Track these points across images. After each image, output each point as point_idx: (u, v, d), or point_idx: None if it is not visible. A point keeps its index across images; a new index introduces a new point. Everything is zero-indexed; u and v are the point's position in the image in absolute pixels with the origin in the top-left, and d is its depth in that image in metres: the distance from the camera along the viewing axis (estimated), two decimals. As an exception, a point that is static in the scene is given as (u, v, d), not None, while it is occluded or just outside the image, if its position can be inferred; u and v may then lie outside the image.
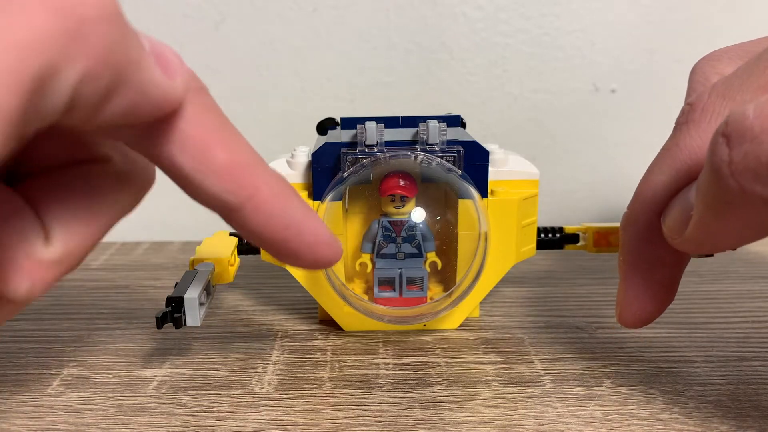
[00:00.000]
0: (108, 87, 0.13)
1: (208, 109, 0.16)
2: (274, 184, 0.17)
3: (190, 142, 0.15)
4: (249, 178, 0.17)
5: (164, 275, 0.40)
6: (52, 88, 0.12)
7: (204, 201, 0.17)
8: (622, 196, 0.50)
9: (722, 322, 0.31)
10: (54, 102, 0.12)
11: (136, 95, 0.14)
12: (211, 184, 0.16)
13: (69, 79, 0.12)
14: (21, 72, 0.11)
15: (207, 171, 0.16)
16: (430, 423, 0.23)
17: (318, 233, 0.18)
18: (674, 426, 0.23)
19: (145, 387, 0.26)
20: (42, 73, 0.11)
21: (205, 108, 0.16)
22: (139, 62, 0.14)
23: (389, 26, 0.46)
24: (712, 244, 0.19)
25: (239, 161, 0.16)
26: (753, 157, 0.16)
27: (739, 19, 0.47)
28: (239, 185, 0.16)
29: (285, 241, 0.18)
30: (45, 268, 0.15)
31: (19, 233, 0.15)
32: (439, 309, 0.28)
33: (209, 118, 0.16)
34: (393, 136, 0.28)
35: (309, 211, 0.18)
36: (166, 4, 0.45)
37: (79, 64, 0.12)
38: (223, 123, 0.17)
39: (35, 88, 0.11)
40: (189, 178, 0.16)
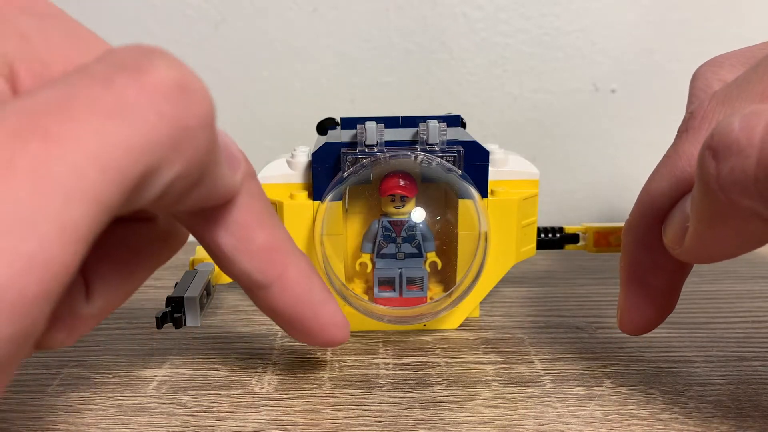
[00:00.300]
0: (193, 183, 0.14)
1: (254, 195, 0.17)
2: (302, 265, 0.19)
3: (235, 225, 0.17)
4: (281, 260, 0.18)
5: (164, 275, 0.40)
6: (149, 185, 0.13)
7: (235, 276, 0.18)
8: (623, 197, 0.50)
9: (722, 322, 0.31)
10: (147, 196, 0.13)
11: (210, 189, 0.15)
12: (246, 263, 0.17)
13: (166, 178, 0.13)
14: (129, 170, 0.12)
15: (245, 251, 0.17)
16: (430, 423, 0.23)
17: (333, 315, 0.20)
18: (674, 426, 0.23)
19: (145, 387, 0.26)
20: (146, 173, 0.12)
21: (253, 194, 0.17)
22: (218, 162, 0.15)
23: (389, 26, 0.46)
24: (709, 255, 0.19)
25: (275, 244, 0.18)
26: (740, 170, 0.16)
27: (739, 19, 0.47)
28: (271, 266, 0.18)
29: (302, 320, 0.19)
30: (83, 322, 0.16)
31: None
32: (439, 309, 0.28)
33: (255, 203, 0.17)
34: (393, 136, 0.28)
35: (328, 293, 0.20)
36: (166, 4, 0.45)
37: (176, 167, 0.13)
38: (267, 207, 0.18)
39: (137, 184, 0.12)
40: (227, 256, 0.17)
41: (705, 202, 0.17)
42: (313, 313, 0.19)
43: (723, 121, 0.17)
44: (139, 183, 0.12)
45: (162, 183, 0.13)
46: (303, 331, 0.20)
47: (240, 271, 0.17)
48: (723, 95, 0.20)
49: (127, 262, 0.17)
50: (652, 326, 0.23)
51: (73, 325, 0.16)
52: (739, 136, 0.16)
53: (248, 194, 0.17)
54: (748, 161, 0.16)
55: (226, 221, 0.16)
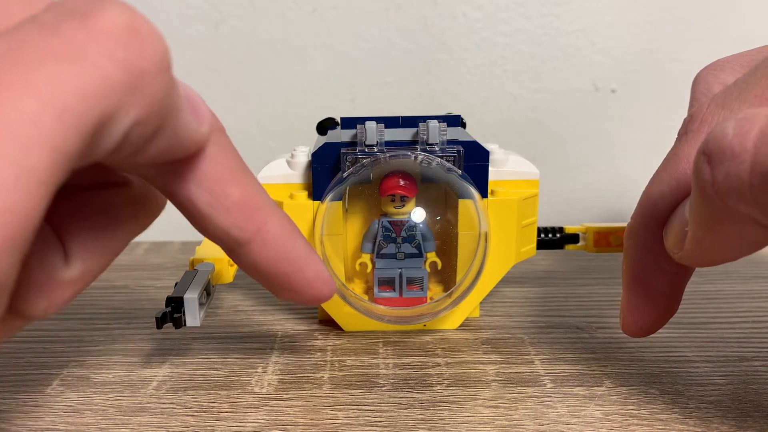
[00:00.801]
0: (153, 131, 0.14)
1: (226, 149, 0.17)
2: (281, 220, 0.18)
3: (208, 180, 0.16)
4: (259, 215, 0.18)
5: (164, 275, 0.40)
6: (107, 132, 0.13)
7: (213, 235, 0.18)
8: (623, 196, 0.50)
9: (722, 322, 0.31)
10: (105, 144, 0.13)
11: (172, 138, 0.15)
12: (222, 219, 0.17)
13: (123, 125, 0.13)
14: (84, 115, 0.12)
15: (221, 207, 0.17)
16: (430, 423, 0.23)
17: (318, 270, 0.19)
18: (674, 426, 0.23)
19: (145, 387, 0.26)
20: (102, 118, 0.12)
21: (224, 148, 0.17)
22: (178, 109, 0.15)
23: (389, 26, 0.46)
24: (709, 259, 0.19)
25: (250, 199, 0.17)
26: (734, 176, 0.16)
27: (739, 19, 0.47)
28: (249, 221, 0.17)
29: (287, 275, 0.19)
30: (63, 288, 0.16)
31: (41, 254, 0.16)
32: (439, 309, 0.28)
33: (227, 158, 0.17)
34: (393, 136, 0.28)
35: (311, 250, 0.19)
36: (166, 4, 0.45)
37: (133, 112, 0.13)
38: (238, 162, 0.17)
39: (94, 131, 0.12)
40: (202, 212, 0.17)
41: (702, 207, 0.17)
42: (298, 269, 0.19)
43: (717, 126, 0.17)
44: (97, 129, 0.12)
45: (120, 130, 0.13)
46: (289, 288, 0.19)
47: (217, 229, 0.17)
48: (722, 98, 0.20)
49: (104, 227, 0.17)
50: (654, 328, 0.23)
51: (53, 291, 0.16)
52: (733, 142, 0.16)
53: (218, 148, 0.17)
54: (743, 167, 0.16)
55: (198, 176, 0.16)
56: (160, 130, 0.14)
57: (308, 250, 0.19)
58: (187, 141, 0.15)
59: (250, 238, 0.18)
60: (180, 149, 0.15)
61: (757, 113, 0.16)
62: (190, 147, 0.16)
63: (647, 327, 0.23)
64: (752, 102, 0.19)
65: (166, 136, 0.14)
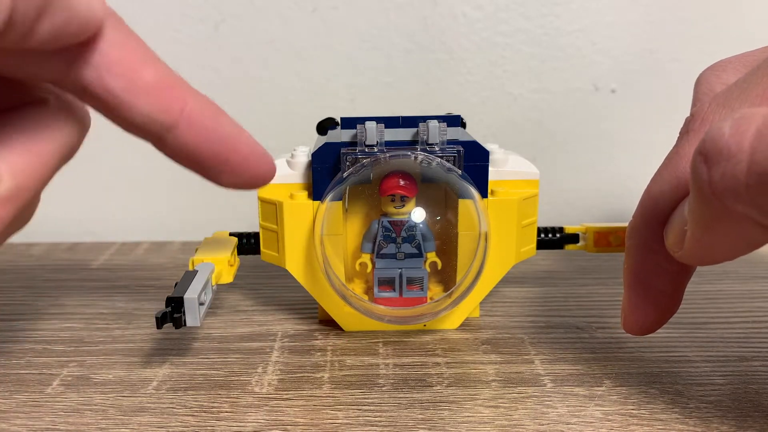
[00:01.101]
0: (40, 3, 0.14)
1: (127, 34, 0.17)
2: (202, 99, 0.18)
3: (118, 64, 0.16)
4: (178, 94, 0.17)
5: (164, 275, 0.40)
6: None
7: (138, 125, 0.17)
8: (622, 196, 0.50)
9: (722, 322, 0.31)
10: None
11: (64, 13, 0.15)
12: (143, 103, 0.17)
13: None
14: None
15: (137, 90, 0.17)
16: (430, 423, 0.23)
17: (251, 145, 0.19)
18: (674, 426, 0.23)
19: (145, 387, 0.26)
20: None
21: (125, 33, 0.17)
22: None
23: (389, 26, 0.46)
24: (709, 258, 0.19)
25: (166, 79, 0.17)
26: (731, 176, 0.16)
27: (739, 19, 0.47)
28: (170, 102, 0.17)
29: (222, 155, 0.18)
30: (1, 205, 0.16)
31: None
32: (439, 309, 0.28)
33: (131, 42, 0.17)
34: (393, 136, 0.28)
35: (239, 126, 0.19)
36: (166, 4, 0.45)
37: None
38: (144, 47, 0.17)
39: None
40: (120, 100, 0.17)
41: (700, 207, 0.17)
42: (230, 146, 0.18)
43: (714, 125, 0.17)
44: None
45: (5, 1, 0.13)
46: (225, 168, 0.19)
47: (141, 115, 0.17)
48: (723, 97, 0.20)
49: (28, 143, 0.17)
50: (655, 327, 0.23)
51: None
52: (730, 142, 0.16)
53: (120, 33, 0.17)
54: (739, 167, 0.16)
55: (107, 63, 0.16)
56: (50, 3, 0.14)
57: (236, 127, 0.19)
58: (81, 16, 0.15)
59: (175, 120, 0.17)
60: (76, 26, 0.15)
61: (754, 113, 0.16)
62: (86, 24, 0.15)
63: (648, 326, 0.23)
64: (753, 101, 0.19)
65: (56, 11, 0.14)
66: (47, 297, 0.36)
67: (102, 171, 0.48)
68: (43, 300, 0.36)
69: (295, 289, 0.36)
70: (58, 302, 0.35)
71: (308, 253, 0.29)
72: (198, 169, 0.19)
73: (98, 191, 0.49)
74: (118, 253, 0.44)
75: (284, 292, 0.36)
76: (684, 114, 0.22)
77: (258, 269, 0.39)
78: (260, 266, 0.38)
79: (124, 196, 0.49)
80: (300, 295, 0.35)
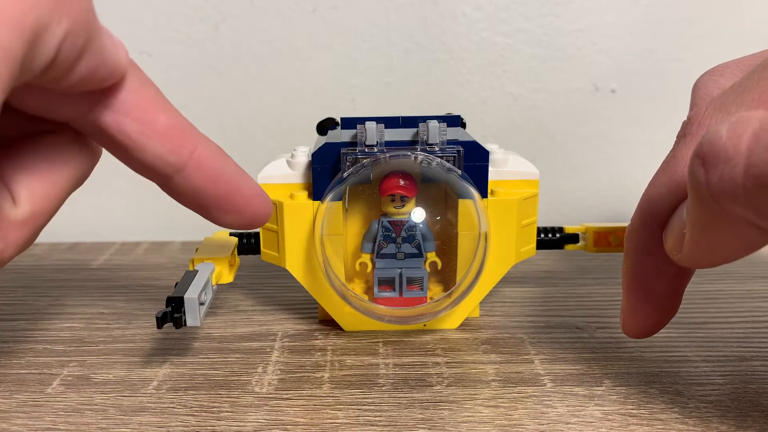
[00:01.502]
0: (82, 45, 0.15)
1: (145, 81, 0.18)
2: (210, 144, 0.20)
3: (134, 109, 0.18)
4: (188, 138, 0.19)
5: (164, 275, 0.40)
6: (43, 41, 0.14)
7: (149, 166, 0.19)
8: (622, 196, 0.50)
9: (722, 322, 0.31)
10: (43, 55, 0.14)
11: (97, 58, 0.16)
12: (156, 145, 0.18)
13: (56, 35, 0.14)
14: (23, 21, 0.13)
15: (151, 133, 0.18)
16: (430, 423, 0.23)
17: (252, 187, 0.21)
18: (674, 426, 0.23)
19: (145, 387, 0.26)
20: (37, 26, 0.13)
21: (143, 80, 0.18)
22: (100, 29, 0.16)
23: (389, 26, 0.46)
24: (708, 260, 0.19)
25: (178, 124, 0.18)
26: (728, 178, 0.16)
27: (739, 19, 0.47)
28: (181, 145, 0.19)
29: (226, 196, 0.20)
30: (15, 228, 0.17)
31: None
32: (439, 309, 0.28)
33: (148, 89, 0.18)
34: (393, 136, 0.28)
35: (242, 170, 0.20)
36: (166, 4, 0.45)
37: (64, 22, 0.14)
38: (159, 93, 0.19)
39: (33, 38, 0.13)
40: (136, 142, 0.18)
41: (698, 210, 0.17)
42: (234, 187, 0.20)
43: (711, 128, 0.17)
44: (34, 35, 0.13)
45: (54, 40, 0.14)
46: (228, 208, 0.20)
47: (153, 157, 0.18)
48: (720, 101, 0.20)
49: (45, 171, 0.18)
50: (655, 329, 0.23)
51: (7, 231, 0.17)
52: (727, 145, 0.16)
53: (138, 80, 0.18)
54: (736, 169, 0.16)
55: (125, 107, 0.18)
56: (87, 47, 0.15)
57: (239, 170, 0.20)
58: (110, 63, 0.16)
59: (185, 162, 0.19)
60: (105, 72, 0.16)
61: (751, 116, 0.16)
62: (114, 70, 0.17)
63: (647, 328, 0.23)
64: (749, 105, 0.19)
65: (92, 55, 0.15)
66: (47, 297, 0.36)
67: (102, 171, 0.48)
68: (43, 300, 0.36)
69: (295, 289, 0.36)
70: (58, 302, 0.35)
71: (308, 253, 0.29)
72: (201, 209, 0.20)
73: (98, 191, 0.49)
74: (118, 253, 0.44)
75: (284, 292, 0.36)
76: (684, 114, 0.22)
77: (258, 269, 0.39)
78: (260, 266, 0.38)
79: (124, 196, 0.49)
80: (300, 295, 0.35)
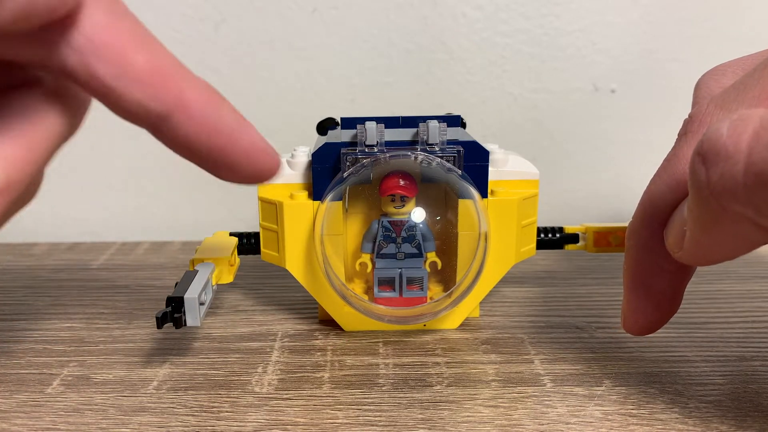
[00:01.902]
0: None
1: (119, 14, 0.15)
2: (202, 89, 0.17)
3: (106, 49, 0.15)
4: (173, 83, 0.16)
5: (164, 275, 0.40)
6: None
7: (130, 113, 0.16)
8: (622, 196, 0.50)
9: (722, 322, 0.31)
10: None
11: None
12: (134, 91, 0.15)
13: None
14: None
15: (128, 78, 0.15)
16: (430, 423, 0.23)
17: (254, 140, 0.18)
18: (674, 426, 0.23)
19: (145, 387, 0.26)
20: None
21: (116, 13, 0.15)
22: None
23: (389, 26, 0.46)
24: (708, 258, 0.19)
25: (161, 66, 0.16)
26: (729, 177, 0.16)
27: (739, 19, 0.47)
28: (164, 90, 0.16)
29: (220, 149, 0.17)
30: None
31: None
32: (439, 309, 0.28)
33: (122, 23, 0.15)
34: (393, 136, 0.28)
35: (242, 118, 0.18)
36: (166, 4, 0.45)
37: None
38: (138, 28, 0.16)
39: None
40: (110, 87, 0.15)
41: (698, 208, 0.17)
42: (230, 140, 0.17)
43: (712, 127, 0.17)
44: None
45: None
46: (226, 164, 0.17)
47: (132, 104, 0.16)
48: (721, 99, 0.20)
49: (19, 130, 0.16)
50: (655, 327, 0.23)
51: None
52: (727, 143, 0.16)
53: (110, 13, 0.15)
54: (737, 168, 0.16)
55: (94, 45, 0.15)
56: None
57: (238, 119, 0.17)
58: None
59: (170, 109, 0.16)
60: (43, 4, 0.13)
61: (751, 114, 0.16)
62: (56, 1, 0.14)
63: (648, 326, 0.23)
64: (750, 103, 0.19)
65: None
66: (47, 297, 0.36)
67: (102, 171, 0.48)
68: (43, 300, 0.36)
69: (295, 289, 0.36)
70: (58, 302, 0.35)
71: (308, 253, 0.29)
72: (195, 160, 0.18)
73: (98, 191, 0.49)
74: (118, 253, 0.44)
75: (284, 292, 0.36)
76: (684, 114, 0.22)
77: (258, 269, 0.39)
78: (260, 266, 0.38)
79: (124, 196, 0.49)
80: (300, 295, 0.35)
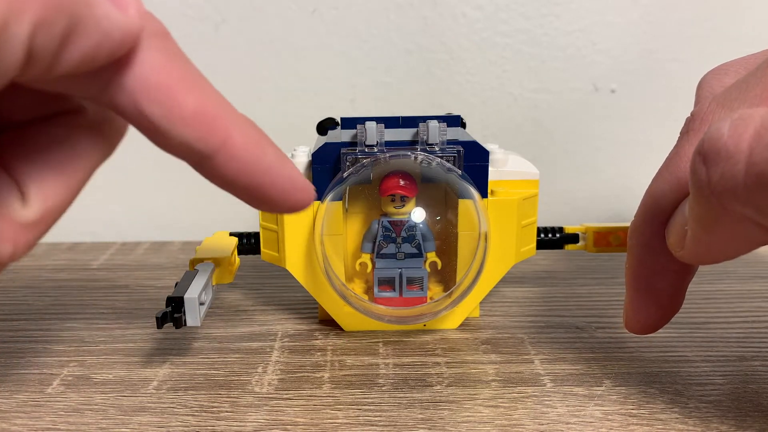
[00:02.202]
0: (63, 32, 0.12)
1: (171, 55, 0.16)
2: (247, 130, 0.17)
3: (156, 89, 0.15)
4: (220, 125, 0.16)
5: (164, 275, 0.40)
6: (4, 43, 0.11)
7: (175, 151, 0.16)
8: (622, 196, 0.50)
9: (722, 322, 0.31)
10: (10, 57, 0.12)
11: (93, 35, 0.13)
12: (180, 132, 0.15)
13: (21, 31, 0.12)
14: None
15: (176, 119, 0.15)
16: (430, 423, 0.23)
17: (293, 179, 0.18)
18: (674, 426, 0.23)
19: (145, 387, 0.26)
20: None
21: (168, 53, 0.15)
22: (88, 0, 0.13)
23: (389, 26, 0.46)
24: (710, 257, 0.19)
25: (209, 107, 0.16)
26: (729, 176, 0.16)
27: (739, 19, 0.47)
28: (210, 132, 0.16)
29: (260, 187, 0.17)
30: (25, 230, 0.15)
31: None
32: (439, 309, 0.28)
33: (174, 64, 0.15)
34: (393, 136, 0.28)
35: (283, 156, 0.18)
36: (166, 4, 0.45)
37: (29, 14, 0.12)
38: (189, 69, 0.16)
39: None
40: (158, 126, 0.15)
41: (699, 207, 0.17)
42: (270, 179, 0.17)
43: (712, 126, 0.17)
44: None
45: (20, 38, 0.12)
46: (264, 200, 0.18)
47: (178, 143, 0.16)
48: (723, 98, 0.20)
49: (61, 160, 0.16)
50: (657, 326, 0.23)
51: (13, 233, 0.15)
52: (728, 143, 0.16)
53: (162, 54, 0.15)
54: (737, 167, 0.16)
55: (145, 87, 0.15)
56: (74, 28, 0.13)
57: (279, 158, 0.18)
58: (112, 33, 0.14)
59: (215, 151, 0.16)
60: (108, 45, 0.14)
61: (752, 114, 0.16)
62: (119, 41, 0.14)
63: (650, 325, 0.23)
64: (752, 102, 0.19)
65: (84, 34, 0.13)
66: (47, 297, 0.36)
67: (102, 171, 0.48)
68: (43, 300, 0.36)
69: (295, 289, 0.36)
70: (58, 302, 0.35)
71: (308, 253, 0.29)
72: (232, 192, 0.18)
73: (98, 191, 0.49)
74: (118, 253, 0.44)
75: (284, 292, 0.36)
76: (684, 114, 0.22)
77: (258, 269, 0.39)
78: (260, 266, 0.38)
79: (124, 196, 0.49)
80: (300, 295, 0.35)
